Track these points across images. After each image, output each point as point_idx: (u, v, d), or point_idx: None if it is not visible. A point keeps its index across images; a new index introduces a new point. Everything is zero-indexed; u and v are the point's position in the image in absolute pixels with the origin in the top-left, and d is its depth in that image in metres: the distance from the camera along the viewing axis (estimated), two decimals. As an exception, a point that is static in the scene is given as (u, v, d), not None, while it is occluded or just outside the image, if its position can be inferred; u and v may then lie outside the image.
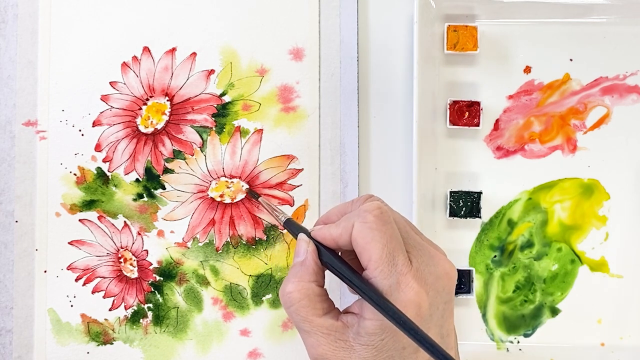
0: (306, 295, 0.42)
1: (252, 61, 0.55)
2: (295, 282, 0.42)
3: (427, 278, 0.40)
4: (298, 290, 0.42)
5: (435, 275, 0.40)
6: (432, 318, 0.40)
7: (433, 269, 0.41)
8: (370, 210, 0.40)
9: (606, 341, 0.55)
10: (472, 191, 0.54)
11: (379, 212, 0.40)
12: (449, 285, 0.41)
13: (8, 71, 0.54)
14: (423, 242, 0.42)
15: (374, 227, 0.40)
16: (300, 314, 0.41)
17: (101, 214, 0.55)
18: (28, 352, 0.54)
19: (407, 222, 0.43)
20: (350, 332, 0.41)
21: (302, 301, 0.41)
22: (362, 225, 0.40)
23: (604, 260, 0.55)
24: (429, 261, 0.41)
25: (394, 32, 0.56)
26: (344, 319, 0.42)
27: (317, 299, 0.42)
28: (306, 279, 0.42)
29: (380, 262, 0.39)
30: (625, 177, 0.55)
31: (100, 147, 0.55)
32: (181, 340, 0.54)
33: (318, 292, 0.42)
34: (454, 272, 0.42)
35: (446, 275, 0.41)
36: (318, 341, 0.41)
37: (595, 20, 0.55)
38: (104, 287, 0.55)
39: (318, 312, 0.41)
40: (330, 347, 0.41)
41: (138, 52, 0.55)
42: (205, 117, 0.55)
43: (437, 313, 0.40)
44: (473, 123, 0.54)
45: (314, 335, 0.41)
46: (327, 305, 0.42)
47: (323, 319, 0.41)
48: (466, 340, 0.55)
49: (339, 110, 0.55)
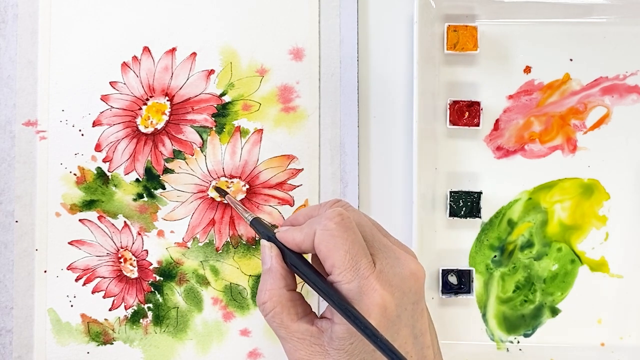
0: (279, 302, 0.42)
1: (252, 61, 0.55)
2: (265, 291, 0.43)
3: (392, 279, 0.40)
4: (270, 299, 0.42)
5: (401, 277, 0.41)
6: (400, 319, 0.40)
7: (399, 270, 0.41)
8: (331, 217, 0.41)
9: (606, 341, 0.55)
10: (472, 191, 0.54)
11: (340, 219, 0.41)
12: (416, 285, 0.41)
13: (8, 71, 0.54)
14: (390, 244, 0.42)
15: (335, 234, 0.40)
16: (276, 321, 0.42)
17: (101, 214, 0.55)
18: (28, 352, 0.54)
19: (374, 224, 0.44)
20: (325, 337, 0.41)
21: (276, 309, 0.42)
22: (323, 233, 0.40)
23: (604, 260, 0.55)
24: (394, 262, 0.41)
25: (394, 32, 0.56)
26: (319, 324, 0.42)
27: (289, 305, 0.42)
28: (276, 285, 0.43)
29: (343, 268, 0.40)
30: (625, 177, 0.55)
31: (100, 147, 0.55)
32: (181, 340, 0.54)
33: (290, 297, 0.43)
34: (421, 273, 0.42)
35: (412, 276, 0.41)
36: (295, 346, 0.42)
37: (595, 20, 0.55)
38: (104, 287, 0.55)
39: (292, 318, 0.42)
40: (307, 352, 0.41)
41: (138, 52, 0.55)
42: (205, 117, 0.55)
43: (405, 314, 0.41)
44: (473, 123, 0.54)
45: (290, 340, 0.42)
46: (301, 310, 0.43)
47: (298, 324, 0.42)
48: (466, 340, 0.55)
49: (339, 110, 0.55)
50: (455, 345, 0.55)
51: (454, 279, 0.54)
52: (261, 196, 0.54)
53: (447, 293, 0.54)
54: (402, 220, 0.55)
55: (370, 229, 0.42)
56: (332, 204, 0.44)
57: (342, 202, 0.44)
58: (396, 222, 0.55)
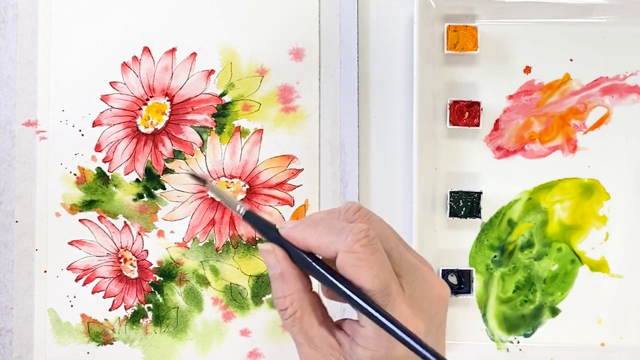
0: (300, 307, 0.39)
1: (252, 61, 0.55)
2: (285, 297, 0.39)
3: (422, 304, 0.38)
4: (291, 304, 0.39)
5: (430, 300, 0.38)
6: None
7: (427, 294, 0.38)
8: (356, 237, 0.37)
9: (606, 341, 0.55)
10: (472, 191, 0.54)
11: (367, 241, 0.37)
12: (442, 308, 0.39)
13: (8, 71, 0.54)
14: (416, 263, 0.39)
15: (362, 257, 0.37)
16: (296, 325, 0.39)
17: (101, 214, 0.55)
18: (28, 352, 0.54)
19: (395, 235, 0.40)
20: (343, 352, 0.39)
21: (297, 313, 0.39)
22: (348, 256, 0.37)
23: (604, 260, 0.55)
24: (423, 285, 0.38)
25: (394, 32, 0.56)
26: (338, 336, 0.40)
27: (310, 308, 0.39)
28: (294, 289, 0.39)
29: (373, 293, 0.37)
30: (625, 177, 0.55)
31: (100, 147, 0.55)
32: (181, 340, 0.54)
33: (310, 300, 0.39)
34: (446, 293, 0.39)
35: (440, 299, 0.39)
36: (313, 355, 0.39)
37: (595, 20, 0.55)
38: (104, 287, 0.55)
39: (313, 323, 0.39)
40: None
41: (138, 52, 0.55)
42: (205, 117, 0.55)
43: (430, 338, 0.39)
44: (473, 123, 0.54)
45: (307, 347, 0.39)
46: (321, 313, 0.40)
47: (318, 331, 0.39)
48: (466, 340, 0.55)
49: (339, 110, 0.55)
50: (455, 345, 0.55)
51: (454, 279, 0.54)
52: (261, 196, 0.54)
53: (447, 293, 0.54)
54: (402, 220, 0.55)
55: (397, 245, 0.39)
56: (354, 212, 0.40)
57: (364, 211, 0.40)
58: (396, 222, 0.55)
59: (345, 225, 0.38)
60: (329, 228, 0.38)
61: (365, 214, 0.40)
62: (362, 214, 0.39)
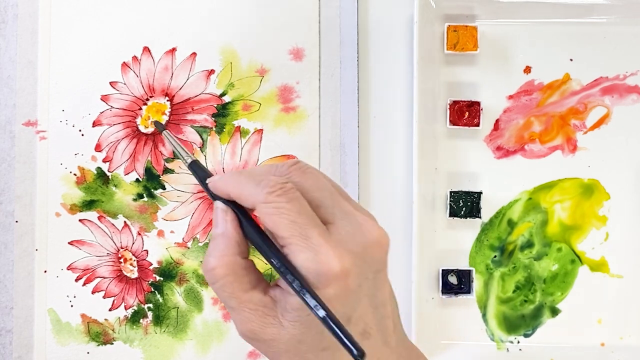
0: (232, 270, 0.39)
1: (252, 61, 0.55)
2: (217, 256, 0.39)
3: (353, 247, 0.38)
4: (221, 265, 0.39)
5: (363, 244, 0.38)
6: (361, 288, 0.38)
7: (360, 238, 0.38)
8: (272, 190, 0.38)
9: (606, 341, 0.55)
10: (472, 191, 0.54)
11: (282, 191, 0.38)
12: (379, 253, 0.39)
13: (8, 71, 0.54)
14: (352, 210, 0.40)
15: (277, 206, 0.37)
16: (226, 290, 0.39)
17: (101, 214, 0.55)
18: (28, 352, 0.54)
19: (336, 188, 0.41)
20: (279, 308, 0.39)
21: (228, 277, 0.39)
22: (265, 206, 0.38)
23: (604, 260, 0.55)
24: (355, 230, 0.39)
25: (394, 32, 0.56)
26: (272, 293, 0.40)
27: (243, 273, 0.39)
28: (229, 252, 0.39)
29: (291, 239, 0.37)
30: (625, 177, 0.55)
31: (100, 147, 0.55)
32: (181, 340, 0.54)
33: (243, 265, 0.40)
34: (384, 240, 0.39)
35: (377, 244, 0.39)
36: (246, 318, 0.39)
37: (595, 20, 0.55)
38: (104, 287, 0.55)
39: (245, 287, 0.39)
40: (259, 324, 0.39)
41: (138, 52, 0.55)
42: (205, 117, 0.55)
43: (366, 283, 0.39)
44: (473, 123, 0.54)
45: (241, 311, 0.39)
46: (254, 278, 0.40)
47: (250, 294, 0.39)
48: (466, 340, 0.55)
49: (339, 110, 0.55)
50: (455, 345, 0.55)
51: (454, 279, 0.54)
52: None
53: (447, 293, 0.54)
54: (402, 220, 0.55)
55: (331, 194, 0.40)
56: (289, 166, 0.40)
57: (300, 165, 0.40)
58: (396, 222, 0.55)
59: (264, 177, 0.39)
60: (250, 180, 0.39)
61: (300, 167, 0.40)
62: (297, 167, 0.40)
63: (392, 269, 0.54)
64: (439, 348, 0.54)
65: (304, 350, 0.39)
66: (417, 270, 0.53)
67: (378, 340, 0.40)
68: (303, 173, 0.40)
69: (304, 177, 0.40)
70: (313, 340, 0.39)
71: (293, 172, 0.40)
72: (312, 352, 0.39)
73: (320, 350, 0.39)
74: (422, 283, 0.54)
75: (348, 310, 0.38)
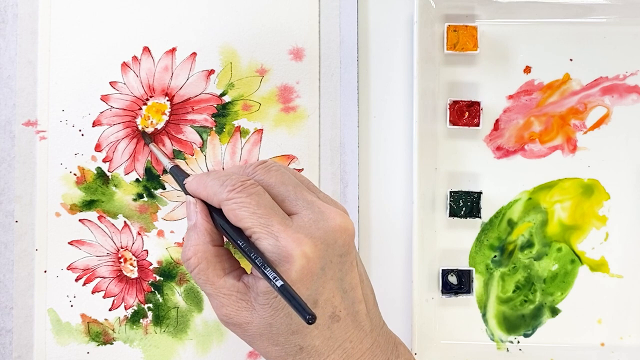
0: (204, 258, 0.42)
1: (252, 61, 0.55)
2: (191, 247, 0.42)
3: (314, 232, 0.40)
4: (195, 254, 0.42)
5: (325, 230, 0.40)
6: (325, 272, 0.40)
7: (322, 224, 0.40)
8: (233, 187, 0.41)
9: (606, 341, 0.55)
10: (472, 191, 0.54)
11: (242, 188, 0.41)
12: (342, 237, 0.41)
13: (8, 71, 0.54)
14: (316, 200, 0.42)
15: (238, 201, 0.40)
16: (202, 277, 0.42)
17: (101, 214, 0.55)
18: (28, 352, 0.54)
19: (302, 181, 0.43)
20: (252, 293, 0.41)
21: (201, 265, 0.42)
22: (227, 203, 0.41)
23: (604, 260, 0.55)
24: (317, 217, 0.41)
25: (394, 32, 0.56)
26: (245, 280, 0.42)
27: (215, 260, 0.42)
28: (201, 241, 0.42)
29: (254, 228, 0.40)
30: (625, 177, 0.55)
31: (100, 147, 0.55)
32: (181, 340, 0.54)
33: (215, 253, 0.42)
34: (347, 225, 0.41)
35: (339, 230, 0.41)
36: (221, 302, 0.42)
37: (595, 20, 0.55)
38: (104, 287, 0.55)
39: (219, 273, 0.42)
40: (233, 308, 0.41)
41: (138, 52, 0.55)
42: (205, 117, 0.55)
43: (331, 266, 0.41)
44: (473, 123, 0.54)
45: (216, 297, 0.42)
46: (228, 265, 0.43)
47: (224, 280, 0.42)
48: (466, 340, 0.55)
49: (339, 110, 0.55)
50: (455, 345, 0.55)
51: (454, 279, 0.54)
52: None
53: (447, 293, 0.54)
54: (402, 220, 0.55)
55: (295, 187, 0.42)
56: (255, 166, 0.43)
57: (266, 164, 0.43)
58: (396, 222, 0.55)
59: (228, 177, 0.42)
60: (215, 181, 0.42)
61: (265, 165, 0.43)
62: (262, 166, 0.43)
63: (392, 268, 0.54)
64: (439, 348, 0.54)
65: (275, 334, 0.41)
66: (417, 270, 0.53)
67: (349, 323, 0.42)
68: (267, 171, 0.43)
69: (268, 175, 0.42)
70: (282, 324, 0.41)
71: (258, 170, 0.43)
72: (283, 335, 0.41)
73: (290, 333, 0.41)
74: (422, 283, 0.54)
75: (313, 293, 0.40)
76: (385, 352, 0.43)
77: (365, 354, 0.42)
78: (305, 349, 0.41)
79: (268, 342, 0.41)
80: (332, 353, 0.41)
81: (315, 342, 0.41)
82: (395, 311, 0.51)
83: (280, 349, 0.41)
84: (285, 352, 0.41)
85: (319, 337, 0.41)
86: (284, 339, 0.41)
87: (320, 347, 0.41)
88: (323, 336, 0.41)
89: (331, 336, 0.41)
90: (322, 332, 0.41)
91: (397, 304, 0.55)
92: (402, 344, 0.45)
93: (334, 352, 0.41)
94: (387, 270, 0.55)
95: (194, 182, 0.44)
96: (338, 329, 0.41)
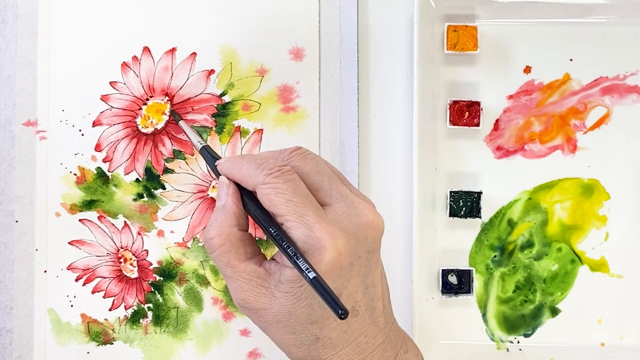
0: (228, 240, 0.42)
1: (252, 61, 0.55)
2: (216, 227, 0.42)
3: (347, 227, 0.40)
4: (219, 235, 0.42)
5: (357, 225, 0.40)
6: (352, 267, 0.40)
7: (355, 219, 0.41)
8: (270, 172, 0.40)
9: (606, 341, 0.55)
10: (472, 191, 0.54)
11: (279, 173, 0.40)
12: (372, 234, 0.41)
13: (8, 71, 0.54)
14: (349, 193, 0.42)
15: (275, 187, 0.40)
16: (223, 259, 0.42)
17: (101, 214, 0.55)
18: (28, 352, 0.54)
19: (335, 172, 0.43)
20: (272, 280, 0.41)
21: (224, 246, 0.41)
22: (263, 187, 0.40)
23: (604, 260, 0.55)
24: (351, 211, 0.41)
25: (394, 32, 0.56)
26: (267, 266, 0.42)
27: (239, 244, 0.42)
28: (227, 223, 0.42)
29: (288, 216, 0.40)
30: (625, 177, 0.55)
31: (100, 147, 0.55)
32: (181, 340, 0.54)
33: (240, 237, 0.42)
34: (378, 222, 0.42)
35: (371, 226, 0.41)
36: (240, 286, 0.41)
37: (595, 20, 0.55)
38: (104, 287, 0.55)
39: (240, 257, 0.42)
40: (252, 293, 0.41)
41: (138, 52, 0.55)
42: (205, 117, 0.55)
43: (358, 262, 0.41)
44: (473, 123, 0.54)
45: (236, 280, 0.42)
46: (250, 250, 0.43)
47: (245, 264, 0.42)
48: (466, 340, 0.55)
49: (339, 110, 0.55)
50: (455, 345, 0.55)
51: (454, 279, 0.54)
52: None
53: (447, 293, 0.54)
54: (402, 220, 0.55)
55: (329, 178, 0.42)
56: (290, 152, 0.43)
57: (301, 151, 0.43)
58: (396, 222, 0.55)
59: (264, 161, 0.41)
60: (251, 163, 0.42)
61: (301, 152, 0.43)
62: (298, 152, 0.43)
63: (392, 268, 0.54)
64: (439, 348, 0.54)
65: (293, 322, 0.41)
66: (417, 270, 0.53)
67: (366, 318, 0.42)
68: (303, 158, 0.42)
69: (304, 162, 0.42)
70: (302, 313, 0.41)
71: (294, 157, 0.42)
72: (301, 324, 0.41)
73: (309, 323, 0.41)
74: (422, 283, 0.54)
75: (339, 287, 0.40)
76: (395, 348, 0.44)
77: (377, 349, 0.42)
78: (320, 340, 0.41)
79: (284, 329, 0.41)
80: (346, 346, 0.41)
81: (332, 334, 0.41)
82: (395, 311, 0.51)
83: (295, 337, 0.41)
84: (300, 341, 0.41)
85: (337, 329, 0.41)
86: (301, 328, 0.41)
87: (336, 339, 0.41)
88: (340, 329, 0.41)
89: (348, 329, 0.41)
90: (340, 325, 0.41)
91: (397, 303, 0.54)
92: (410, 340, 0.46)
93: (348, 346, 0.42)
94: (387, 270, 0.55)
95: (227, 163, 0.44)
96: (355, 323, 0.42)
